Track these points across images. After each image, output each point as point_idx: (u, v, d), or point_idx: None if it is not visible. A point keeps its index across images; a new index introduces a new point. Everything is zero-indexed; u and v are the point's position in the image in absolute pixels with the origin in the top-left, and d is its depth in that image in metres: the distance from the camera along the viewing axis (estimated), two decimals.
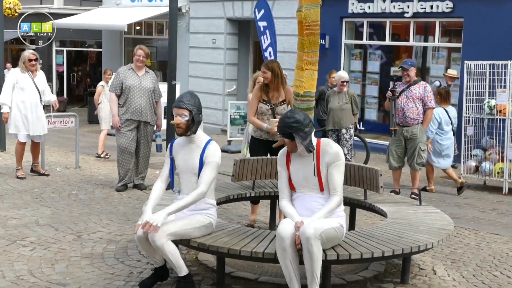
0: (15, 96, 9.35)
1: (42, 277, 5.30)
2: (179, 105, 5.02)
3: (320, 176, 4.82)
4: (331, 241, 4.77)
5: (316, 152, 4.81)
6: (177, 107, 5.03)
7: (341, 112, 10.17)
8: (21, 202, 7.96)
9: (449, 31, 13.70)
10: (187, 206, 4.94)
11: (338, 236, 4.83)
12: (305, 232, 4.56)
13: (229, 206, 7.92)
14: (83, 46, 26.25)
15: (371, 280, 5.53)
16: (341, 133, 10.19)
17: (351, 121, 10.29)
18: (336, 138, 10.22)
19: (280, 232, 4.66)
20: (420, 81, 9.21)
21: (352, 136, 10.30)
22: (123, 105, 8.60)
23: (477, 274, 5.86)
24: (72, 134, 13.98)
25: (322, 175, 4.83)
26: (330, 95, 10.42)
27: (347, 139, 10.18)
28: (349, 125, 10.24)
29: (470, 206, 9.02)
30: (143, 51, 8.58)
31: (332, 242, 4.80)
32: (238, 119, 14.23)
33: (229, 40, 17.08)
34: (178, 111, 5.00)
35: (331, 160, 4.79)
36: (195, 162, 5.02)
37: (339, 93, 10.28)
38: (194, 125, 5.03)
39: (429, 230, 5.41)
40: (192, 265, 5.72)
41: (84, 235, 6.58)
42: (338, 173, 4.82)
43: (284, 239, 4.63)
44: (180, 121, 4.98)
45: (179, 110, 5.00)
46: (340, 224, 4.87)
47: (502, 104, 9.97)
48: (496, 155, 10.14)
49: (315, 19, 5.39)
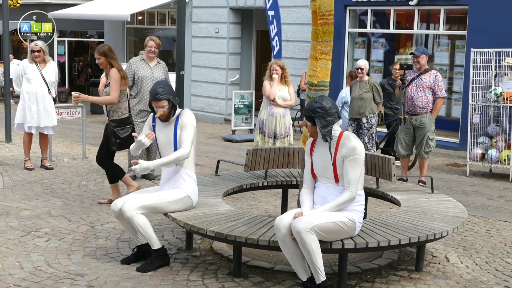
0: (22, 87, 9.38)
1: (60, 267, 5.34)
2: (157, 98, 5.36)
3: (335, 167, 4.84)
4: (333, 234, 4.72)
5: (336, 143, 4.83)
6: (156, 100, 5.38)
7: (361, 101, 10.08)
8: (32, 193, 7.99)
9: (454, 18, 13.70)
10: (170, 162, 5.38)
11: (344, 231, 4.75)
12: (296, 226, 4.60)
13: (239, 195, 7.95)
14: (84, 36, 26.19)
15: (386, 268, 5.57)
16: (362, 122, 10.13)
17: (372, 110, 10.17)
18: (357, 127, 10.20)
19: (276, 223, 4.73)
20: (431, 69, 9.21)
21: (374, 125, 10.17)
22: (135, 96, 8.63)
23: (490, 261, 5.90)
24: (76, 125, 14.07)
25: (338, 166, 4.83)
26: (353, 85, 10.41)
27: (368, 128, 10.11)
28: (369, 114, 10.13)
29: (477, 193, 9.06)
30: (154, 42, 8.60)
31: (337, 236, 4.76)
32: (242, 108, 14.24)
33: (232, 29, 17.06)
34: (158, 104, 5.39)
35: (347, 154, 4.78)
36: (171, 133, 5.44)
37: (360, 82, 10.22)
38: (175, 109, 5.47)
39: (444, 218, 5.45)
40: (207, 254, 5.77)
41: (97, 226, 6.61)
42: (353, 167, 4.75)
43: (279, 230, 4.69)
44: (163, 112, 5.39)
45: (159, 103, 5.38)
46: (350, 219, 4.77)
47: (508, 92, 10.00)
48: (502, 142, 10.17)
49: (329, 8, 5.39)
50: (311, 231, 4.58)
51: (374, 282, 5.21)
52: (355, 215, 4.86)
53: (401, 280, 5.29)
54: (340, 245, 4.77)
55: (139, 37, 20.02)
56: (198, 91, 17.77)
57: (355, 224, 4.85)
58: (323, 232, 4.65)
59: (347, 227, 4.78)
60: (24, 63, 9.49)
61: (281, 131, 9.57)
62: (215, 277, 5.20)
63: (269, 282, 5.11)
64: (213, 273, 5.29)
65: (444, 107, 13.51)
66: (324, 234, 4.66)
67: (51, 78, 9.44)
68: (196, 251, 5.87)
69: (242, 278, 5.16)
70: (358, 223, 4.89)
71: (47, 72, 9.41)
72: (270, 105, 9.54)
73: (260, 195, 8.29)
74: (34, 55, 9.31)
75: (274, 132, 9.57)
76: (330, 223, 4.68)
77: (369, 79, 10.30)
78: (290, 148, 6.83)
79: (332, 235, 4.74)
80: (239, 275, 5.18)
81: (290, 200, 7.16)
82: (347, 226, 4.78)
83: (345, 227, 4.77)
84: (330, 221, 4.68)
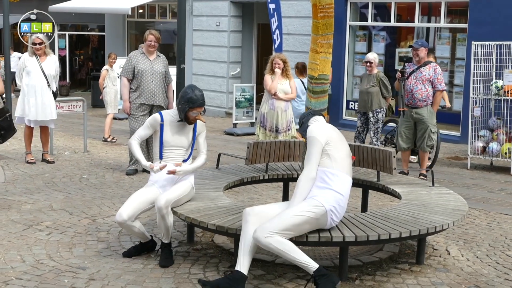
0: (22, 80, 9.38)
1: (62, 261, 5.35)
2: (202, 104, 5.42)
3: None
4: (301, 227, 4.67)
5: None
6: (200, 106, 5.42)
7: (367, 95, 10.02)
8: (33, 187, 8.01)
9: (455, 11, 13.68)
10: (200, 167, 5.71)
11: (311, 219, 4.68)
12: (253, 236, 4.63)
13: (240, 189, 7.96)
14: (85, 30, 26.17)
15: (387, 261, 5.58)
16: (369, 116, 10.10)
17: (379, 104, 10.12)
18: (365, 121, 10.17)
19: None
20: (430, 62, 9.19)
21: (380, 120, 10.11)
22: (135, 89, 8.63)
23: (491, 254, 5.91)
24: (77, 118, 14.10)
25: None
26: (362, 77, 10.36)
27: (373, 123, 10.07)
28: (376, 109, 10.07)
29: (478, 186, 9.06)
30: (154, 36, 8.60)
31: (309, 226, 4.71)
32: (243, 102, 14.24)
33: (232, 22, 17.04)
34: (200, 109, 5.45)
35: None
36: (188, 138, 5.56)
37: (369, 76, 10.16)
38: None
39: (444, 211, 5.46)
40: (208, 248, 5.78)
41: (98, 219, 6.63)
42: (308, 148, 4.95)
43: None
44: (201, 117, 5.51)
45: (201, 108, 5.44)
46: (315, 205, 4.71)
47: (509, 85, 9.99)
48: (503, 135, 10.17)
49: (330, 1, 5.39)
50: (270, 234, 4.55)
51: (375, 275, 5.22)
52: (320, 199, 4.74)
53: (402, 273, 5.30)
54: (341, 238, 4.78)
55: (140, 30, 20.00)
56: (199, 84, 17.73)
57: (323, 207, 4.73)
58: (287, 230, 4.60)
59: (313, 213, 4.68)
60: (24, 57, 9.49)
61: (282, 125, 9.57)
62: (217, 270, 5.22)
63: (270, 275, 5.12)
64: (214, 266, 5.31)
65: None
66: (289, 231, 4.62)
67: (51, 71, 9.41)
68: (198, 244, 5.88)
69: None
70: (331, 206, 4.75)
71: (47, 65, 9.39)
72: (272, 99, 9.54)
73: (261, 188, 8.31)
74: (35, 48, 9.30)
75: (276, 126, 9.58)
76: (290, 218, 4.62)
77: (378, 72, 10.22)
78: (291, 142, 6.84)
79: (301, 227, 4.68)
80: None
81: (291, 194, 7.15)
82: (313, 212, 4.68)
83: (312, 214, 4.67)
84: (289, 216, 4.63)
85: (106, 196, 7.62)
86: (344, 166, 4.88)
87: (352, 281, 5.06)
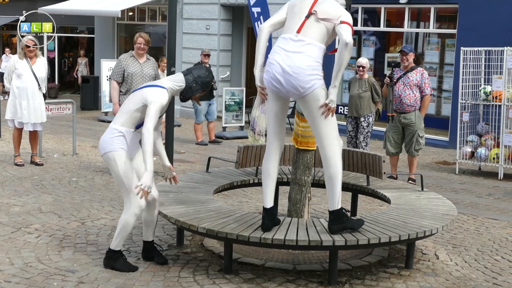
0: (13, 83, 9.33)
1: (51, 264, 5.33)
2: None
3: None
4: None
5: None
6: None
7: (359, 99, 9.96)
8: (22, 189, 7.97)
9: (444, 17, 13.76)
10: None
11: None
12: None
13: (229, 192, 7.95)
14: (74, 32, 26.08)
15: (376, 265, 5.60)
16: (360, 121, 10.09)
17: (370, 109, 10.12)
18: (355, 126, 10.14)
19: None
20: (417, 67, 9.25)
21: (370, 124, 10.09)
22: (125, 92, 8.61)
23: (479, 258, 5.95)
24: (66, 121, 14.03)
25: None
26: (351, 82, 10.23)
27: (364, 127, 10.06)
28: (367, 113, 10.07)
29: (466, 191, 9.12)
30: (143, 39, 8.60)
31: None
32: (233, 106, 14.24)
33: (222, 26, 17.04)
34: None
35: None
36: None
37: (360, 80, 10.06)
38: None
39: (433, 215, 5.49)
40: (198, 251, 5.78)
41: (88, 222, 6.60)
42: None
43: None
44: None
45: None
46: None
47: (498, 90, 10.06)
48: (492, 140, 10.24)
49: None
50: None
51: (364, 279, 5.24)
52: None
53: (391, 277, 5.32)
54: (331, 242, 4.79)
55: (130, 33, 19.95)
56: None
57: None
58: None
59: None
60: (14, 59, 9.44)
61: None
62: (206, 273, 5.21)
63: (260, 279, 5.12)
64: (204, 269, 5.30)
65: (434, 105, 13.59)
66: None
67: (42, 74, 9.37)
68: (187, 247, 5.87)
69: (233, 274, 5.17)
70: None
71: (38, 67, 9.36)
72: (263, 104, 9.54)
73: (251, 192, 8.31)
74: (29, 49, 9.26)
75: (266, 130, 9.57)
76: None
77: (369, 77, 10.21)
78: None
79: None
80: (230, 272, 5.19)
81: (281, 197, 7.17)
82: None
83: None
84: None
85: (95, 199, 7.59)
86: None
87: (342, 285, 5.07)
